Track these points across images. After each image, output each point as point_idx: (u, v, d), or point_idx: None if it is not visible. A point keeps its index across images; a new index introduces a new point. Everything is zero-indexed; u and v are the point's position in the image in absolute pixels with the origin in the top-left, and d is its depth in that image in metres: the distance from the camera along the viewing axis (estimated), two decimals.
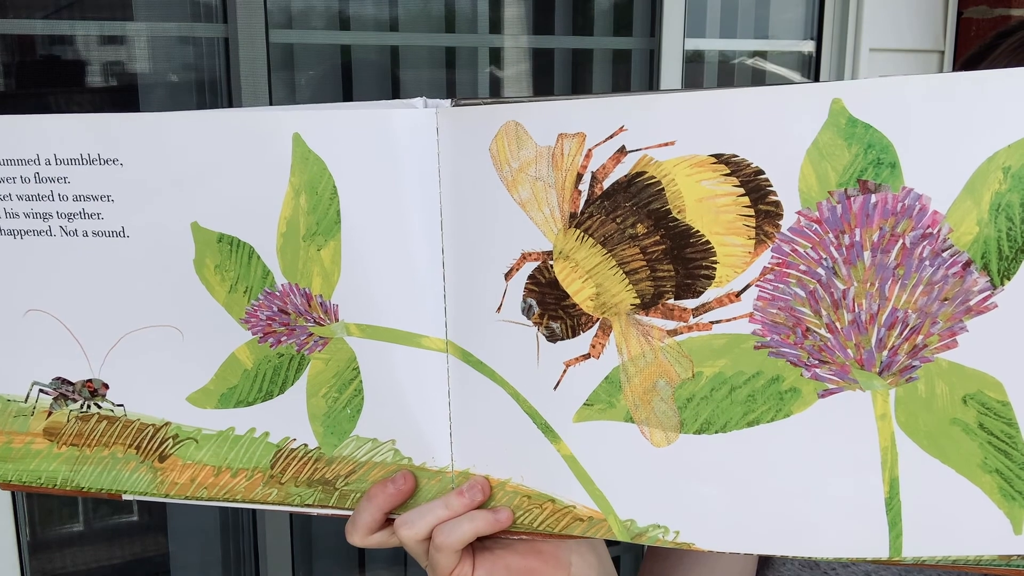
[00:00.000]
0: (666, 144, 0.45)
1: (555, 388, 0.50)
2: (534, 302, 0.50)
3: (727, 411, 0.47)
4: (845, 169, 0.42)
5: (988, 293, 0.42)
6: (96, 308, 0.56)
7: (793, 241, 0.44)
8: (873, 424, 0.46)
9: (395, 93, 1.71)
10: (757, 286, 0.45)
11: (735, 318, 0.46)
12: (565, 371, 0.50)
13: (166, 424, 0.58)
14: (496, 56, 1.80)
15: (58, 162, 0.54)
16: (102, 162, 0.54)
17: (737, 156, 0.44)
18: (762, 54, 2.07)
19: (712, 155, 0.44)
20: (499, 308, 0.50)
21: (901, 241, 0.42)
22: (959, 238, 0.42)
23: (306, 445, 0.56)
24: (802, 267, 0.44)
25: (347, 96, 1.68)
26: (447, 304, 0.52)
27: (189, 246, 0.54)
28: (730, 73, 2.06)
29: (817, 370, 0.45)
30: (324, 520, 1.74)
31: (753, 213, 0.44)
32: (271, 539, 1.60)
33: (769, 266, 0.44)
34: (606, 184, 0.47)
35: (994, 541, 0.45)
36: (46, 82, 1.47)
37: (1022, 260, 0.42)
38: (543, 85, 1.86)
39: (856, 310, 0.44)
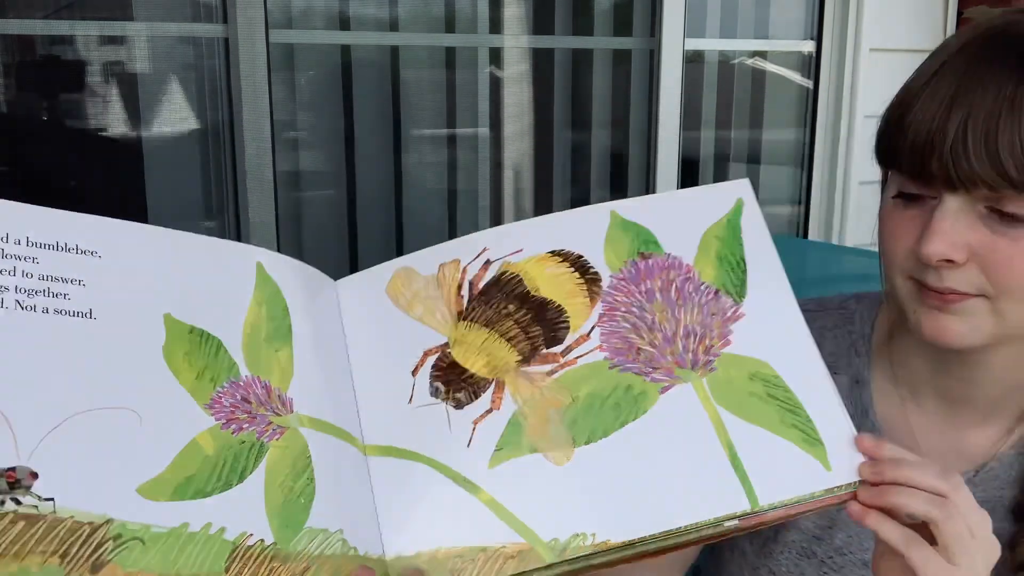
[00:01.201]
0: (516, 252, 0.67)
1: (468, 445, 0.63)
2: (440, 384, 0.64)
3: (603, 420, 0.63)
4: (629, 249, 0.68)
5: (736, 307, 0.66)
6: (39, 386, 0.52)
7: (613, 294, 0.67)
8: (700, 405, 0.64)
9: (395, 93, 1.71)
10: (598, 327, 0.66)
11: (590, 351, 0.65)
12: (474, 428, 0.63)
13: (107, 522, 0.51)
14: (496, 56, 1.80)
15: (30, 244, 0.55)
16: (79, 252, 0.56)
17: (565, 249, 0.68)
18: (762, 54, 2.07)
19: (549, 252, 0.68)
20: (411, 399, 0.64)
21: (674, 284, 0.67)
22: (705, 278, 0.68)
23: (262, 541, 0.56)
24: (623, 309, 0.67)
25: (347, 95, 1.68)
26: (359, 412, 0.64)
27: (160, 334, 0.57)
28: (730, 73, 2.06)
29: (653, 375, 0.65)
30: None
31: (584, 281, 0.67)
32: None
33: (603, 312, 0.66)
34: (480, 286, 0.67)
35: (816, 479, 0.60)
36: (46, 82, 1.47)
37: (746, 285, 0.68)
38: (543, 85, 1.86)
39: (664, 330, 0.66)
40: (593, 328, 0.65)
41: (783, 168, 2.12)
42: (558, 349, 0.65)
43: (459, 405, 0.63)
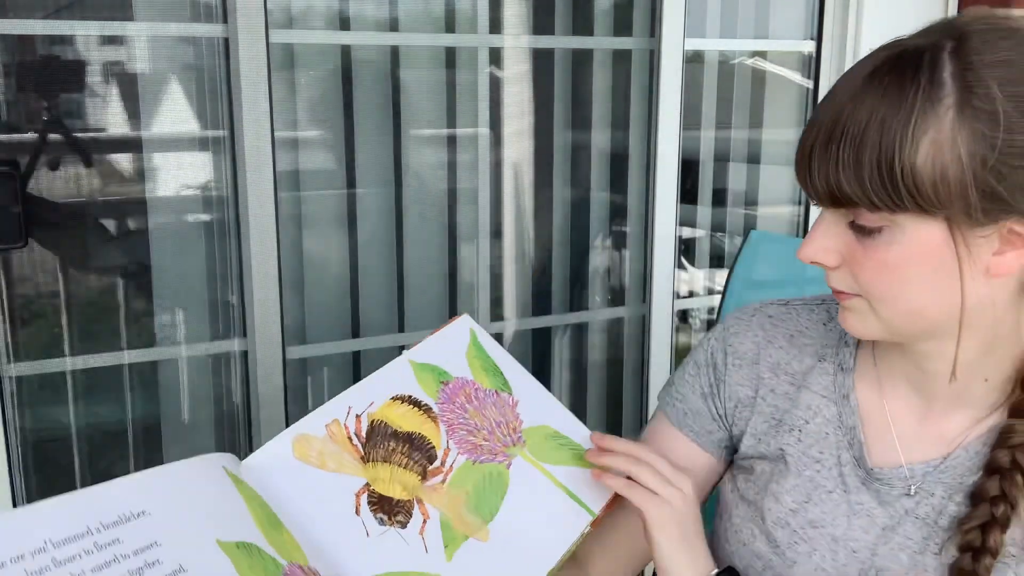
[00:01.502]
0: (371, 404, 0.87)
1: (427, 551, 0.81)
2: (382, 515, 0.81)
3: (492, 499, 0.86)
4: (434, 382, 0.90)
5: (511, 397, 0.93)
6: None
7: (444, 415, 0.89)
8: (532, 467, 0.90)
9: (395, 93, 1.72)
10: (450, 439, 0.87)
11: (456, 458, 0.87)
12: (423, 538, 0.81)
13: None
14: (496, 56, 1.80)
15: (104, 527, 0.64)
16: (136, 516, 0.66)
17: (399, 393, 0.88)
18: (762, 54, 2.07)
19: (391, 398, 0.88)
20: (367, 534, 0.80)
21: (473, 395, 0.91)
22: (486, 385, 0.93)
23: None
24: (457, 423, 0.88)
25: (347, 95, 1.68)
26: (337, 559, 0.78)
27: (224, 559, 0.68)
28: (730, 73, 2.06)
29: (497, 458, 0.88)
30: None
31: (423, 412, 0.88)
32: None
33: (446, 429, 0.88)
34: (363, 434, 0.85)
35: (597, 481, 0.89)
36: (46, 82, 1.47)
37: (508, 382, 0.94)
38: (543, 85, 1.86)
39: (485, 427, 0.90)
40: (448, 441, 0.87)
41: (783, 168, 2.13)
42: (437, 464, 0.86)
43: (403, 525, 0.82)
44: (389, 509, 0.81)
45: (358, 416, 0.85)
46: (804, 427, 0.92)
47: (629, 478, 0.86)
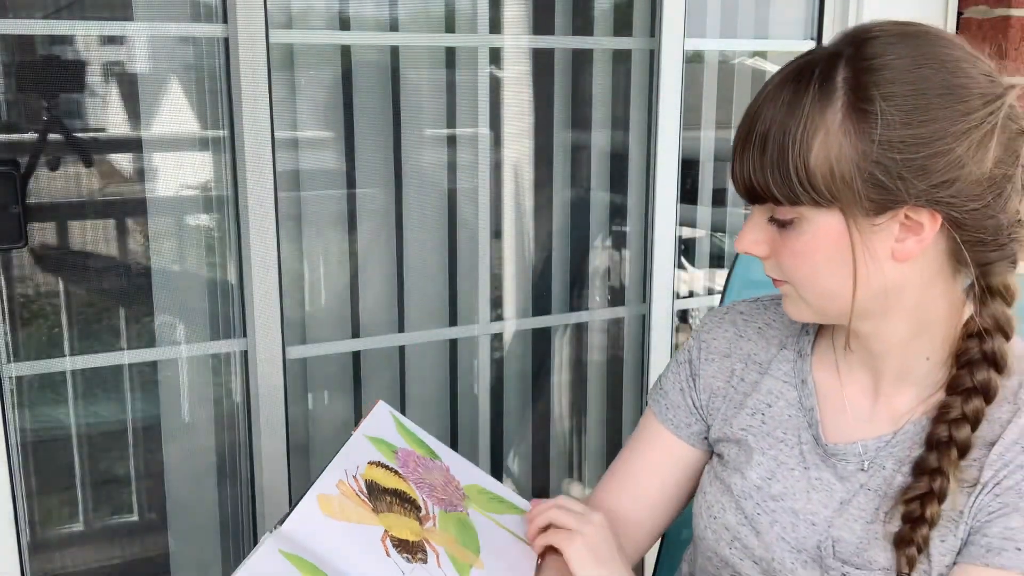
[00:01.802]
0: (357, 468, 0.96)
1: None
2: (407, 554, 0.92)
3: (471, 538, 0.99)
4: (388, 451, 1.01)
5: (440, 462, 1.06)
6: None
7: (410, 476, 0.99)
8: (483, 516, 1.02)
9: (395, 93, 1.72)
10: (421, 494, 0.99)
11: (433, 507, 0.98)
12: (442, 569, 0.93)
13: None
14: (496, 56, 1.80)
15: None
16: None
17: (375, 460, 0.99)
18: (762, 54, 2.07)
19: (368, 463, 0.97)
20: (403, 572, 0.90)
21: (419, 462, 1.03)
22: (422, 453, 1.05)
23: None
24: (421, 481, 1.00)
25: (347, 95, 1.68)
26: None
27: None
28: (730, 73, 2.06)
29: (457, 508, 1.01)
30: None
31: (395, 473, 0.99)
32: None
33: (416, 487, 0.99)
34: (365, 491, 0.94)
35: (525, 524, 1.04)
36: (46, 82, 1.47)
37: (432, 449, 1.07)
38: (543, 85, 1.86)
39: (439, 485, 1.01)
40: (421, 496, 0.98)
41: None
42: (424, 512, 0.97)
43: (424, 561, 0.92)
44: (410, 549, 0.92)
45: (355, 477, 0.95)
46: (767, 410, 1.01)
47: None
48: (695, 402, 1.08)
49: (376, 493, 0.94)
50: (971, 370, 0.88)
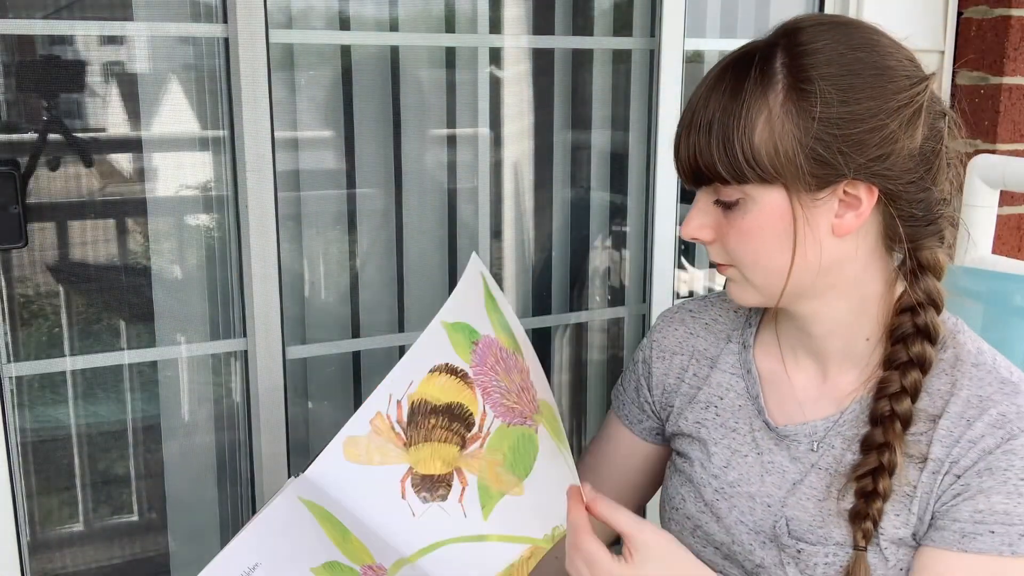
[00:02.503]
0: (410, 384, 0.90)
1: (465, 516, 0.91)
2: (424, 493, 0.90)
3: (526, 459, 0.93)
4: (466, 343, 0.91)
5: (522, 361, 0.95)
6: None
7: (479, 378, 0.92)
8: (550, 438, 0.95)
9: (395, 93, 1.72)
10: (486, 404, 0.92)
11: (492, 421, 0.92)
12: (462, 505, 0.91)
13: None
14: (496, 56, 1.80)
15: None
16: (251, 569, 0.84)
17: (436, 364, 0.91)
18: None
19: (429, 371, 0.91)
20: (413, 515, 0.90)
21: (500, 356, 0.93)
22: (505, 345, 0.94)
23: None
24: (491, 386, 0.92)
25: (347, 95, 1.68)
26: (391, 543, 0.90)
27: None
28: None
29: (526, 422, 0.93)
30: None
31: (460, 379, 0.91)
32: None
33: (482, 394, 0.92)
34: (404, 419, 0.90)
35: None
36: (46, 82, 1.47)
37: (517, 341, 0.96)
38: (543, 85, 1.86)
39: (514, 390, 0.93)
40: (485, 406, 0.92)
41: None
42: (475, 431, 0.92)
43: (444, 498, 0.91)
44: (432, 485, 0.91)
45: (399, 402, 0.91)
46: (719, 403, 1.06)
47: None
48: (648, 399, 1.14)
49: (417, 418, 0.92)
50: (906, 344, 0.92)
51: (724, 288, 1.08)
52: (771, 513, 0.98)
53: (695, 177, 0.90)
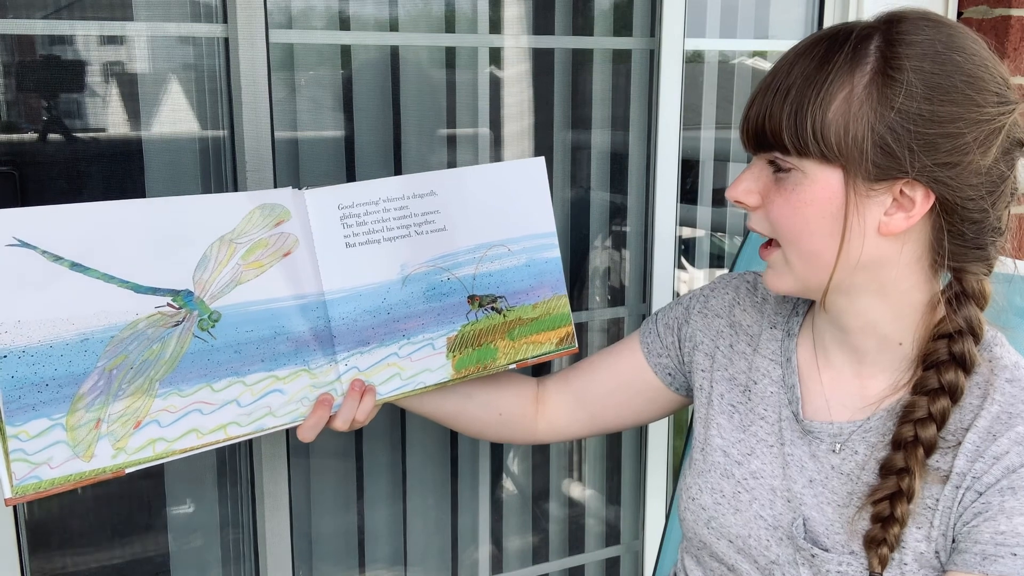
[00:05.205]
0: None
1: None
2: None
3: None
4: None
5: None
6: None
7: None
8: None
9: (395, 92, 1.72)
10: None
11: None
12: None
13: None
14: (496, 56, 1.80)
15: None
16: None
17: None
18: (762, 54, 2.07)
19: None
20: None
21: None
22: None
23: None
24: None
25: (347, 95, 1.68)
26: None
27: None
28: (730, 73, 2.06)
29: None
30: (325, 519, 1.74)
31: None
32: (271, 538, 1.60)
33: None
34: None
35: None
36: (46, 82, 1.47)
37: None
38: (543, 85, 1.86)
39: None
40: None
41: None
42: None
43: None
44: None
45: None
46: (753, 387, 1.05)
47: None
48: (675, 341, 1.14)
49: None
50: (939, 371, 0.90)
51: (761, 276, 1.09)
52: (791, 509, 0.97)
53: (757, 140, 0.89)
